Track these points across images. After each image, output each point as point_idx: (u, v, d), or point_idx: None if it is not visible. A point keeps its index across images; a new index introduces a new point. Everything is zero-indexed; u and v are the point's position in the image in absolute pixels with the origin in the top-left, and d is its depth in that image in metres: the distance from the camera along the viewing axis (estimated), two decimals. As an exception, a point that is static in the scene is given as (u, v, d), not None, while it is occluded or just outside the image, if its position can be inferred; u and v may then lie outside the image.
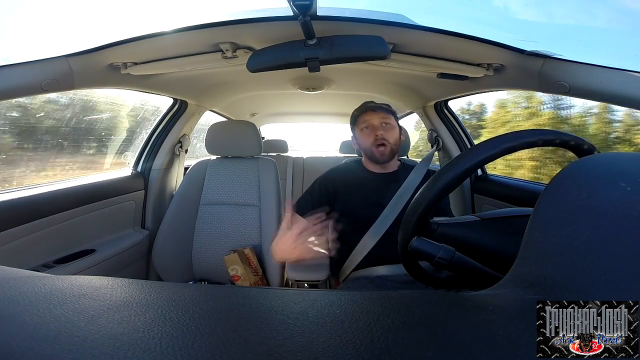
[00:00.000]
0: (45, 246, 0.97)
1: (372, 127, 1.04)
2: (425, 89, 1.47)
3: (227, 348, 0.18)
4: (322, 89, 1.59)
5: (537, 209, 0.27)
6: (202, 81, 1.36)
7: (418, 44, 0.94)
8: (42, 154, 1.32)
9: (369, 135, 1.05)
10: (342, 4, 0.87)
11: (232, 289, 0.28)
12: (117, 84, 1.08)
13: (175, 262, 1.23)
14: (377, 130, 1.03)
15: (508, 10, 1.08)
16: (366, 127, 1.05)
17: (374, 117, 1.05)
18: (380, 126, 1.04)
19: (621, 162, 0.27)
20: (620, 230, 0.21)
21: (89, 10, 1.02)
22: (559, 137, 0.40)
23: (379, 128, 1.04)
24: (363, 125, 1.06)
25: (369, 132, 1.05)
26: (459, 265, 0.43)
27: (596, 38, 1.00)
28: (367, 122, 1.05)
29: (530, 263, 0.25)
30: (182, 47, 0.95)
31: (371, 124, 1.05)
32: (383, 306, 0.23)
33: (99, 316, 0.20)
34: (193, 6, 0.88)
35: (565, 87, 0.83)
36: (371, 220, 0.97)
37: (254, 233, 1.23)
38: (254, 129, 1.32)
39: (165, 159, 1.53)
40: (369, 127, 1.05)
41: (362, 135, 1.07)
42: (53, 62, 0.83)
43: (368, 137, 1.05)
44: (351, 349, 0.17)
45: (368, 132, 1.05)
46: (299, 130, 4.95)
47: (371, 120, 1.05)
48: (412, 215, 0.44)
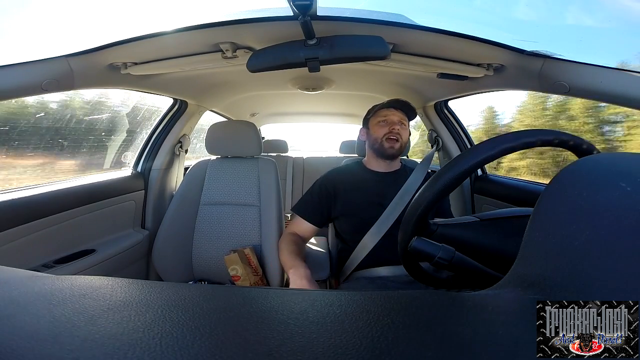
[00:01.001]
0: (45, 246, 0.97)
1: (390, 122, 1.06)
2: (425, 89, 1.47)
3: (227, 348, 0.18)
4: (322, 89, 1.59)
5: (537, 209, 0.27)
6: (202, 81, 1.36)
7: (418, 44, 0.94)
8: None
9: (383, 127, 1.07)
10: (342, 4, 0.87)
11: (232, 289, 0.28)
12: (117, 84, 1.08)
13: (175, 262, 1.23)
14: (395, 125, 1.05)
15: (508, 10, 1.08)
16: (384, 121, 1.07)
17: (395, 114, 1.07)
18: (398, 123, 1.06)
19: (621, 162, 0.27)
20: (620, 231, 0.21)
21: (89, 10, 1.02)
22: (558, 137, 0.40)
23: (397, 124, 1.06)
24: (381, 118, 1.08)
25: (385, 125, 1.07)
26: (459, 265, 0.44)
27: (596, 38, 1.00)
28: (387, 116, 1.07)
29: (530, 263, 0.25)
30: (182, 47, 0.95)
31: (390, 119, 1.07)
32: (383, 306, 0.23)
33: (99, 316, 0.20)
34: (193, 6, 0.88)
35: (565, 87, 0.83)
36: (372, 221, 0.97)
37: (254, 233, 1.23)
38: (254, 129, 1.32)
39: (165, 159, 1.53)
40: (387, 121, 1.07)
41: (377, 127, 1.09)
42: (53, 62, 0.83)
43: (382, 128, 1.07)
44: (351, 349, 0.17)
45: (384, 124, 1.07)
46: (299, 130, 4.95)
47: (391, 116, 1.07)
48: (411, 215, 0.45)
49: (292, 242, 1.03)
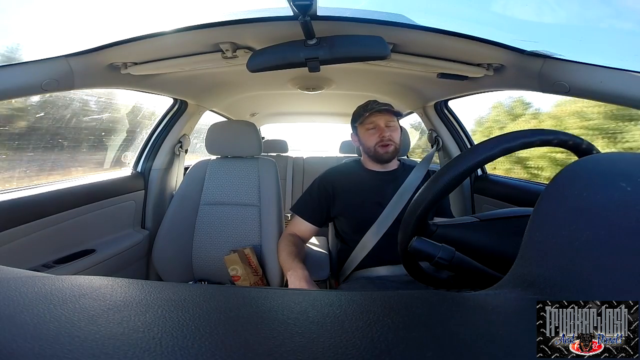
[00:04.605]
0: (45, 246, 0.97)
1: (379, 128, 1.06)
2: (425, 89, 1.47)
3: (227, 348, 0.18)
4: (322, 89, 1.59)
5: (537, 209, 0.27)
6: (202, 81, 1.36)
7: (418, 44, 0.94)
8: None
9: (373, 135, 1.06)
10: (342, 4, 0.87)
11: (232, 289, 0.28)
12: (117, 84, 1.08)
13: (175, 262, 1.23)
14: (384, 131, 1.05)
15: (508, 10, 1.08)
16: (372, 128, 1.07)
17: (380, 119, 1.06)
18: (386, 127, 1.06)
19: (621, 162, 0.27)
20: (620, 230, 0.21)
21: (89, 10, 1.02)
22: (557, 137, 0.40)
23: (385, 130, 1.05)
24: (369, 125, 1.07)
25: (374, 132, 1.06)
26: (459, 265, 0.44)
27: (596, 38, 1.00)
28: (374, 122, 1.06)
29: (530, 263, 0.25)
30: (182, 47, 0.95)
31: (377, 125, 1.06)
32: (383, 306, 0.23)
33: (99, 316, 0.20)
34: (193, 6, 0.88)
35: (565, 87, 0.83)
36: (371, 220, 0.97)
37: (254, 233, 1.23)
38: (254, 129, 1.32)
39: (165, 159, 1.53)
40: (375, 127, 1.06)
41: (366, 135, 1.08)
42: (53, 62, 0.83)
43: (373, 136, 1.06)
44: (351, 349, 0.17)
45: (373, 132, 1.06)
46: (299, 130, 4.95)
47: (377, 122, 1.06)
48: (411, 216, 0.45)
49: (291, 242, 1.03)
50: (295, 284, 0.85)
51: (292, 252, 0.97)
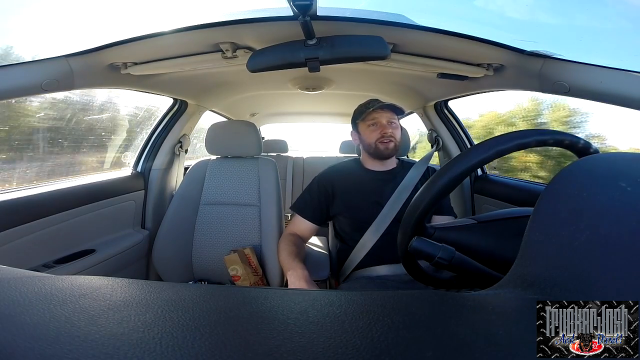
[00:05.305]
0: (45, 246, 0.97)
1: (380, 125, 1.06)
2: (425, 89, 1.47)
3: (227, 348, 0.18)
4: (322, 89, 1.59)
5: (537, 209, 0.27)
6: (202, 81, 1.36)
7: (418, 44, 0.94)
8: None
9: (374, 131, 1.06)
10: (342, 4, 0.87)
11: (232, 289, 0.28)
12: (117, 84, 1.08)
13: (175, 262, 1.23)
14: (386, 128, 1.05)
15: (508, 10, 1.08)
16: (374, 124, 1.07)
17: (382, 115, 1.06)
18: (387, 124, 1.06)
19: (621, 162, 0.28)
20: (620, 231, 0.21)
21: (89, 10, 1.02)
22: (553, 136, 0.40)
23: (387, 126, 1.05)
24: (370, 122, 1.07)
25: (375, 128, 1.06)
26: (459, 265, 0.44)
27: (596, 38, 1.00)
28: (376, 119, 1.06)
29: (530, 263, 0.25)
30: (182, 47, 0.95)
31: (379, 121, 1.06)
32: (383, 306, 0.23)
33: (99, 316, 0.20)
34: (193, 6, 0.88)
35: (565, 87, 0.83)
36: (370, 219, 0.97)
37: (254, 233, 1.23)
38: (254, 129, 1.32)
39: (165, 159, 1.53)
40: (377, 124, 1.06)
41: (367, 131, 1.08)
42: (53, 62, 0.83)
43: (374, 132, 1.06)
44: (351, 349, 0.17)
45: (375, 128, 1.06)
46: (299, 130, 4.95)
47: (379, 118, 1.06)
48: (410, 217, 0.45)
49: (291, 242, 1.03)
50: (295, 283, 0.85)
51: (292, 252, 0.97)
